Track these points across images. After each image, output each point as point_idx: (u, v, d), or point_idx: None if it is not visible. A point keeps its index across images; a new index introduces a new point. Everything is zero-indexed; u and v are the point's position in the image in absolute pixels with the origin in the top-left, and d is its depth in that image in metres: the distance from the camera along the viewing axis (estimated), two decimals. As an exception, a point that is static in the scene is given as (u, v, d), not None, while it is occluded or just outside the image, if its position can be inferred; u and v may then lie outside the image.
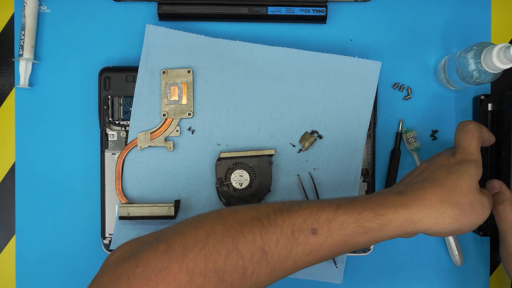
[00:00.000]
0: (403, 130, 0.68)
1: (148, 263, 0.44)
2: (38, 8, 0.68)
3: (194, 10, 0.67)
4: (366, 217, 0.46)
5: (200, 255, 0.44)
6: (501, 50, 0.55)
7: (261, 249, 0.45)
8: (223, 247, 0.44)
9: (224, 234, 0.45)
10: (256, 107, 0.66)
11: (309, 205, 0.47)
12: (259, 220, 0.46)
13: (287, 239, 0.45)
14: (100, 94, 0.66)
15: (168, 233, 0.46)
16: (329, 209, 0.46)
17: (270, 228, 0.45)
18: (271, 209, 0.47)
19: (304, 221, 0.46)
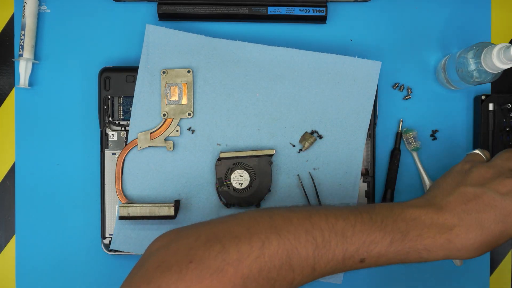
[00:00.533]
0: (403, 130, 0.68)
1: (202, 261, 0.44)
2: (38, 8, 0.68)
3: (194, 10, 0.67)
4: (414, 254, 0.49)
5: (256, 264, 0.45)
6: (501, 50, 0.55)
7: (311, 267, 0.47)
8: (278, 259, 0.46)
9: (279, 247, 0.46)
10: (256, 107, 0.66)
11: (362, 233, 0.48)
12: (313, 237, 0.47)
13: (337, 263, 0.47)
14: (100, 94, 0.66)
15: (220, 232, 0.47)
16: (382, 243, 0.48)
17: (323, 249, 0.47)
18: (324, 225, 0.48)
19: (357, 251, 0.48)
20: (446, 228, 0.49)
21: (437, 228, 0.49)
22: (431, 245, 0.49)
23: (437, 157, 0.69)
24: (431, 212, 0.50)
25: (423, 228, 0.49)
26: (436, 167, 0.69)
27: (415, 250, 0.49)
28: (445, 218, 0.50)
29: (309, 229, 0.47)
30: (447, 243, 0.49)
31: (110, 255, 0.67)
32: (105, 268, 0.68)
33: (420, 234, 0.49)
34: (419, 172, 0.68)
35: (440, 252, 0.49)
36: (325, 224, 0.48)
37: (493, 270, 0.69)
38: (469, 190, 0.51)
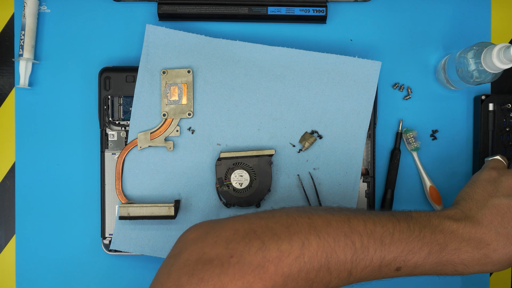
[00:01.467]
0: (403, 130, 0.68)
1: (243, 256, 0.44)
2: (38, 8, 0.68)
3: (194, 10, 0.67)
4: (450, 267, 0.50)
5: (296, 264, 0.45)
6: (501, 50, 0.55)
7: (348, 271, 0.47)
8: (317, 261, 0.46)
9: (319, 248, 0.46)
10: (256, 107, 0.66)
11: (400, 242, 0.48)
12: (352, 241, 0.47)
13: (373, 269, 0.48)
14: (100, 94, 0.66)
15: (258, 228, 0.47)
16: (420, 254, 0.48)
17: (361, 255, 0.47)
18: (363, 230, 0.48)
19: (394, 259, 0.48)
20: (484, 243, 0.50)
21: (475, 243, 0.50)
22: (469, 260, 0.50)
23: (437, 157, 0.69)
24: (468, 226, 0.50)
25: (461, 242, 0.50)
26: (436, 167, 0.69)
27: (452, 264, 0.50)
28: (483, 233, 0.50)
29: (348, 233, 0.47)
30: (484, 258, 0.49)
31: (110, 255, 0.67)
32: (105, 268, 0.68)
33: (458, 248, 0.49)
34: (419, 172, 0.68)
35: (476, 266, 0.50)
36: (363, 229, 0.48)
37: (493, 270, 0.69)
38: (503, 202, 0.52)
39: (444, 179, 0.69)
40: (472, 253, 0.49)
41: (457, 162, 0.69)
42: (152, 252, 0.65)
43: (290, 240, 0.45)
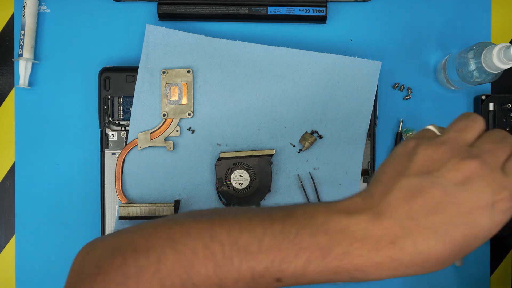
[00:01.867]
0: (403, 130, 0.68)
1: (106, 274, 0.41)
2: (38, 8, 0.68)
3: (194, 10, 0.67)
4: (344, 275, 0.39)
5: (155, 279, 0.40)
6: (501, 50, 0.55)
7: (218, 285, 0.40)
8: (176, 276, 0.40)
9: (175, 262, 0.40)
10: (256, 107, 0.66)
11: (270, 249, 0.39)
12: (212, 252, 0.40)
13: (247, 282, 0.40)
14: (100, 94, 0.66)
15: (123, 243, 0.43)
16: (297, 263, 0.39)
17: (225, 267, 0.39)
18: (226, 239, 0.40)
19: (266, 270, 0.39)
20: (385, 241, 0.37)
21: (372, 243, 0.37)
22: (366, 265, 0.38)
23: (437, 157, 0.69)
24: (364, 220, 0.38)
25: (352, 243, 0.38)
26: (436, 167, 0.69)
27: (345, 271, 0.38)
28: (384, 228, 0.37)
29: (208, 243, 0.40)
30: (388, 261, 0.37)
31: (110, 255, 0.67)
32: (105, 268, 0.68)
33: (347, 252, 0.38)
34: None
35: (383, 272, 0.38)
36: (226, 238, 0.40)
37: (494, 270, 0.69)
38: (412, 182, 0.38)
39: (444, 179, 0.69)
40: (368, 256, 0.37)
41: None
42: (152, 252, 0.65)
43: (148, 254, 0.41)
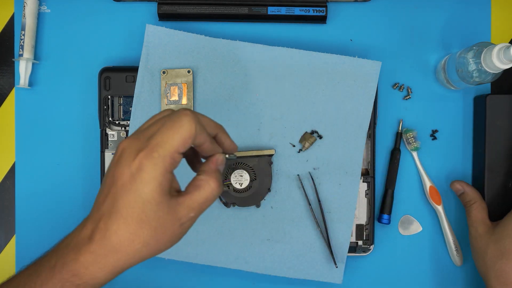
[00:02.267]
0: (403, 130, 0.68)
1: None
2: (38, 8, 0.68)
3: (194, 10, 0.67)
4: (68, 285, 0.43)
5: None
6: (501, 50, 0.55)
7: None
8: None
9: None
10: (256, 107, 0.66)
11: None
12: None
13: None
14: (100, 94, 0.66)
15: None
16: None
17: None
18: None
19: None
20: (86, 239, 0.43)
21: (78, 244, 0.43)
22: (80, 275, 0.43)
23: (437, 157, 0.69)
24: (78, 228, 0.44)
25: (68, 252, 0.43)
26: (436, 167, 0.69)
27: (72, 285, 0.43)
28: (86, 227, 0.43)
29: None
30: (91, 256, 0.42)
31: (110, 255, 0.67)
32: (105, 268, 0.68)
33: (64, 263, 0.43)
34: (419, 172, 0.68)
35: (93, 268, 0.42)
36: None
37: (493, 270, 0.69)
38: (103, 178, 0.45)
39: (444, 179, 0.69)
40: (77, 258, 0.42)
41: (457, 162, 0.69)
42: (152, 252, 0.65)
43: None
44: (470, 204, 0.64)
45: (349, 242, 0.66)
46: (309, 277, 0.66)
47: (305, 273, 0.66)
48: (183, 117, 0.43)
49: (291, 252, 0.65)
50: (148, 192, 0.41)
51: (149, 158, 0.41)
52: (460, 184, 0.66)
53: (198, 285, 0.68)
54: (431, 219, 0.69)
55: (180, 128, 0.42)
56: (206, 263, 0.65)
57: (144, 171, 0.41)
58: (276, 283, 0.68)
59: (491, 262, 0.59)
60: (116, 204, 0.42)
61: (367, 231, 0.67)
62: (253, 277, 0.68)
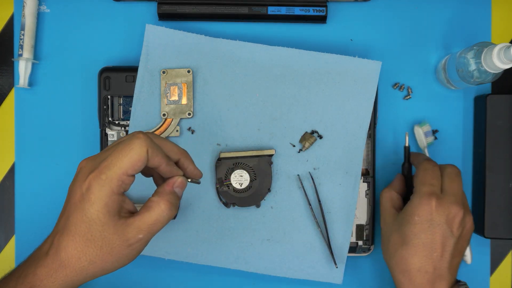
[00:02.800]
0: (418, 124, 0.67)
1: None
2: (38, 8, 0.68)
3: (194, 10, 0.67)
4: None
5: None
6: (502, 50, 0.55)
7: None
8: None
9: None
10: (256, 107, 0.66)
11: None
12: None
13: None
14: (100, 94, 0.66)
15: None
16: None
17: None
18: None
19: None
20: (43, 253, 0.46)
21: (37, 258, 0.46)
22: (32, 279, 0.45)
23: (437, 157, 0.69)
24: (42, 244, 0.48)
25: (29, 264, 0.46)
26: (436, 167, 0.69)
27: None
28: (46, 242, 0.47)
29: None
30: (44, 269, 0.45)
31: (110, 255, 0.67)
32: (105, 268, 0.68)
33: (26, 275, 0.45)
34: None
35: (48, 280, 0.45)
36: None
37: (493, 270, 0.69)
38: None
39: (444, 179, 0.69)
40: (34, 272, 0.45)
41: (457, 162, 0.69)
42: (152, 252, 0.65)
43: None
44: (383, 190, 0.63)
45: (349, 242, 0.66)
46: (309, 277, 0.66)
47: (305, 273, 0.66)
48: (135, 140, 0.45)
49: (291, 252, 0.65)
50: (94, 212, 0.44)
51: (97, 179, 0.44)
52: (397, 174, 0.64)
53: (198, 285, 0.68)
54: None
55: (130, 151, 0.44)
56: (206, 263, 0.65)
57: (91, 192, 0.44)
58: (276, 283, 0.68)
59: (393, 249, 0.57)
60: (67, 222, 0.45)
61: (367, 231, 0.67)
62: (253, 277, 0.68)
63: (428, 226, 0.55)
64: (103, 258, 0.45)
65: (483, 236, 0.66)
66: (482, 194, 0.66)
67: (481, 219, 0.66)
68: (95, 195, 0.44)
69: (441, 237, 0.55)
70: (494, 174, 0.66)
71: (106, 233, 0.44)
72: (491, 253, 0.69)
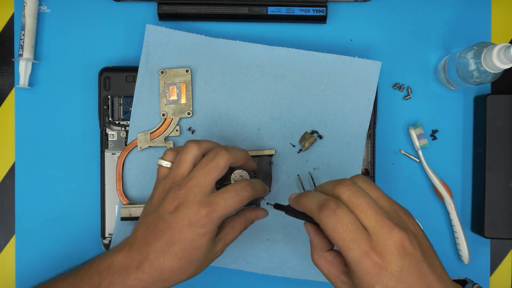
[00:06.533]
0: (412, 126, 0.68)
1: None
2: (38, 8, 0.68)
3: (194, 10, 0.67)
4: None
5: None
6: (501, 50, 0.55)
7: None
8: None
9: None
10: (256, 107, 0.66)
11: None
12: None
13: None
14: (100, 94, 0.66)
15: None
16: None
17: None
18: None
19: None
20: (133, 268, 0.49)
21: (126, 271, 0.49)
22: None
23: (437, 157, 0.69)
24: (121, 255, 0.50)
25: (113, 275, 0.49)
26: (436, 167, 0.69)
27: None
28: (133, 257, 0.49)
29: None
30: (136, 282, 0.48)
31: (110, 255, 0.67)
32: (105, 268, 0.68)
33: (111, 283, 0.48)
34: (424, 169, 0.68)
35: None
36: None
37: (493, 270, 0.69)
38: (149, 218, 0.50)
39: (444, 179, 0.69)
40: (124, 282, 0.48)
41: (457, 162, 0.69)
42: (152, 252, 0.65)
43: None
44: (311, 254, 0.50)
45: (349, 242, 0.65)
46: (309, 277, 0.66)
47: (305, 273, 0.66)
48: (242, 184, 0.51)
49: (291, 252, 0.65)
50: (204, 242, 0.49)
51: (209, 217, 0.48)
52: (307, 227, 0.50)
53: (198, 285, 0.68)
54: (432, 217, 0.69)
55: (237, 196, 0.50)
56: (206, 263, 0.65)
57: (203, 226, 0.48)
58: (276, 283, 0.68)
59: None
60: (171, 247, 0.49)
61: (367, 231, 0.67)
62: (253, 277, 0.68)
63: (397, 280, 0.42)
64: (198, 269, 0.51)
65: (483, 236, 0.66)
66: (482, 194, 0.66)
67: (481, 219, 0.66)
68: (206, 229, 0.49)
69: (414, 275, 0.43)
70: (494, 174, 0.66)
71: (207, 253, 0.51)
72: (491, 253, 0.69)
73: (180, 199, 0.49)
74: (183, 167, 0.51)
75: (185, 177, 0.50)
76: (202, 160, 0.51)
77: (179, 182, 0.50)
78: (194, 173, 0.50)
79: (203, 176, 0.50)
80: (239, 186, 0.51)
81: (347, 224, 0.42)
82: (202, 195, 0.49)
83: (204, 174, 0.50)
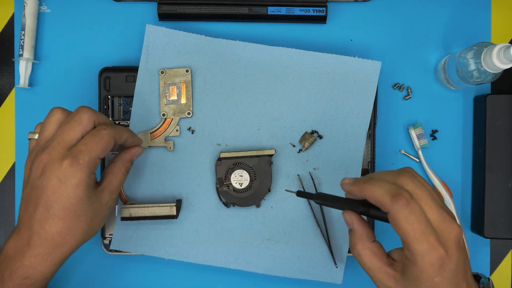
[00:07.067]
0: (412, 126, 0.68)
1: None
2: (38, 8, 0.68)
3: (194, 10, 0.67)
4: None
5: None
6: (501, 50, 0.55)
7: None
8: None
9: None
10: (256, 107, 0.66)
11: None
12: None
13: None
14: (100, 94, 0.66)
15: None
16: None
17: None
18: None
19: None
20: (25, 246, 0.48)
21: (20, 253, 0.48)
22: (28, 271, 0.48)
23: (437, 157, 0.69)
24: (12, 240, 0.49)
25: (10, 262, 0.48)
26: (436, 167, 0.69)
27: (22, 285, 0.48)
28: (22, 237, 0.48)
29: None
30: (36, 259, 0.48)
31: (110, 255, 0.67)
32: (105, 268, 0.68)
33: (11, 272, 0.48)
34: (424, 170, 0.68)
35: (43, 268, 0.48)
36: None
37: (493, 270, 0.70)
38: (24, 193, 0.50)
39: (444, 179, 0.69)
40: (22, 265, 0.48)
41: (457, 162, 0.69)
42: (152, 252, 0.65)
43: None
44: (353, 245, 0.48)
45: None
46: (309, 277, 0.66)
47: (305, 273, 0.66)
48: (102, 131, 0.51)
49: (291, 252, 0.65)
50: (80, 192, 0.48)
51: (75, 165, 0.48)
52: (350, 216, 0.48)
53: (198, 285, 0.69)
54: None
55: (101, 139, 0.50)
56: (206, 263, 0.65)
57: (73, 176, 0.48)
58: (276, 283, 0.68)
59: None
60: (50, 210, 0.48)
61: (367, 231, 0.67)
62: (253, 277, 0.68)
63: (453, 273, 0.44)
64: (91, 225, 0.50)
65: (483, 236, 0.66)
66: (481, 194, 0.66)
67: (480, 219, 0.66)
68: (77, 178, 0.48)
69: (463, 270, 0.44)
70: (493, 174, 0.66)
71: (91, 204, 0.50)
72: (491, 253, 0.69)
73: (45, 160, 0.49)
74: (47, 131, 0.51)
75: (49, 140, 0.50)
76: (65, 119, 0.52)
77: (43, 146, 0.50)
78: (57, 131, 0.50)
79: (66, 132, 0.50)
80: (96, 129, 0.51)
81: (419, 216, 0.42)
82: (65, 150, 0.49)
83: (67, 130, 0.50)
